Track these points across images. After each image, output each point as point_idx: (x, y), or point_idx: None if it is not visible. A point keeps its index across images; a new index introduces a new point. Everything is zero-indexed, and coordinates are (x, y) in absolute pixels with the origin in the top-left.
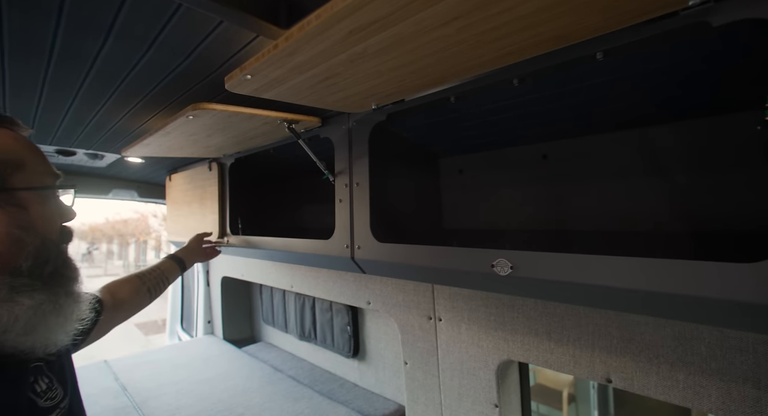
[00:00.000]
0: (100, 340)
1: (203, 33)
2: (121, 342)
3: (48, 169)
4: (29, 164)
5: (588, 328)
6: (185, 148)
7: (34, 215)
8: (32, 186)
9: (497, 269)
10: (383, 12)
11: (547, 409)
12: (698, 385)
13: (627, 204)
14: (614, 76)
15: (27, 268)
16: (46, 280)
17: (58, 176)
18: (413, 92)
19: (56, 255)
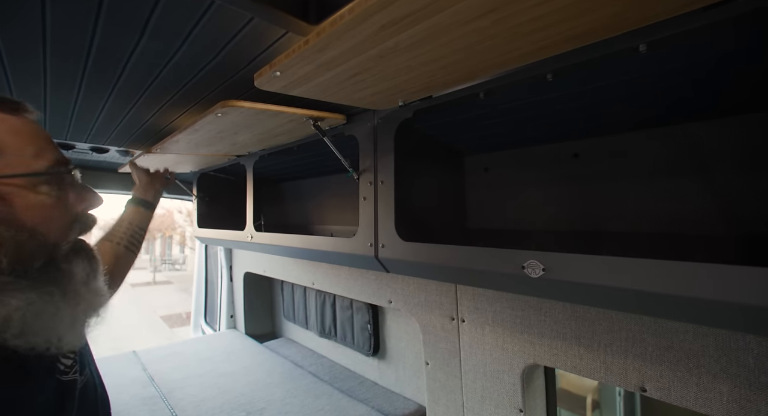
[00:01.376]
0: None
1: (234, 30)
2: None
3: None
4: (10, 148)
5: (621, 334)
6: (213, 145)
7: (21, 206)
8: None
9: (528, 271)
10: (417, 5)
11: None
12: (744, 399)
13: (665, 204)
14: (657, 69)
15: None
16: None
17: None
18: (442, 88)
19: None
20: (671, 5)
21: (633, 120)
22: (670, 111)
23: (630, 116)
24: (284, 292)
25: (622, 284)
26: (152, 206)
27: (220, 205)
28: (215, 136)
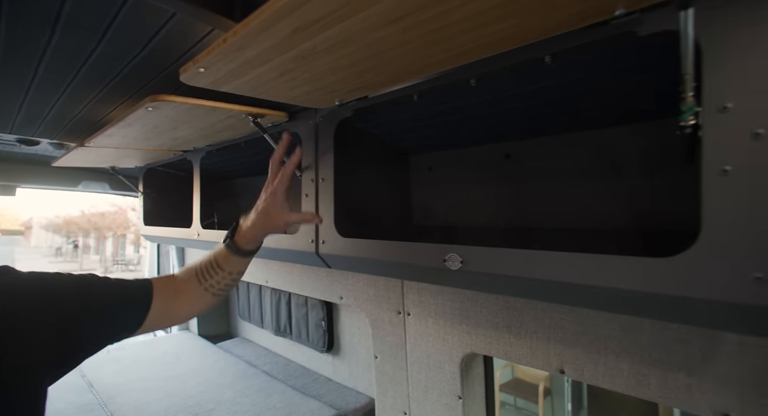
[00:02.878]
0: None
1: (156, 25)
2: None
3: None
4: None
5: (545, 321)
6: (152, 139)
7: None
8: None
9: (449, 263)
10: (325, 10)
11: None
12: (640, 374)
13: (585, 203)
14: (563, 79)
15: None
16: None
17: None
18: (376, 89)
19: None
20: (553, 25)
21: (554, 125)
22: (583, 117)
23: (551, 121)
24: (239, 291)
25: (530, 274)
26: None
27: (168, 202)
28: (152, 130)
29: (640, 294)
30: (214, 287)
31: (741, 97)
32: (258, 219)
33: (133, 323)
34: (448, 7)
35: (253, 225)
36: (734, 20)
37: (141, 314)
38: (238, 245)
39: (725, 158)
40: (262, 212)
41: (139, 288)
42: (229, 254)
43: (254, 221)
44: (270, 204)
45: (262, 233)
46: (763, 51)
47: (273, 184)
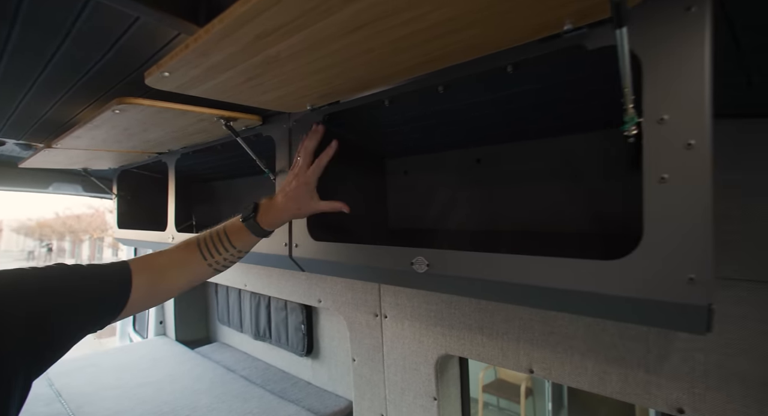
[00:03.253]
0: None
1: (121, 28)
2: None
3: None
4: None
5: (515, 323)
6: (123, 141)
7: None
8: None
9: (416, 267)
10: (285, 18)
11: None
12: (603, 372)
13: (551, 207)
14: (526, 88)
15: None
16: None
17: None
18: (347, 94)
19: None
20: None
21: (522, 131)
22: (548, 125)
23: (519, 128)
24: (218, 295)
25: (492, 277)
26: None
27: (143, 204)
28: (122, 132)
29: (591, 295)
30: (220, 263)
31: (675, 109)
32: (288, 204)
33: (112, 308)
34: (405, 18)
35: (283, 208)
36: (668, 38)
37: (120, 298)
38: (261, 225)
39: (663, 167)
40: (293, 198)
41: (115, 273)
42: (248, 233)
43: (284, 205)
44: (303, 191)
45: (289, 217)
46: (692, 67)
47: (306, 173)
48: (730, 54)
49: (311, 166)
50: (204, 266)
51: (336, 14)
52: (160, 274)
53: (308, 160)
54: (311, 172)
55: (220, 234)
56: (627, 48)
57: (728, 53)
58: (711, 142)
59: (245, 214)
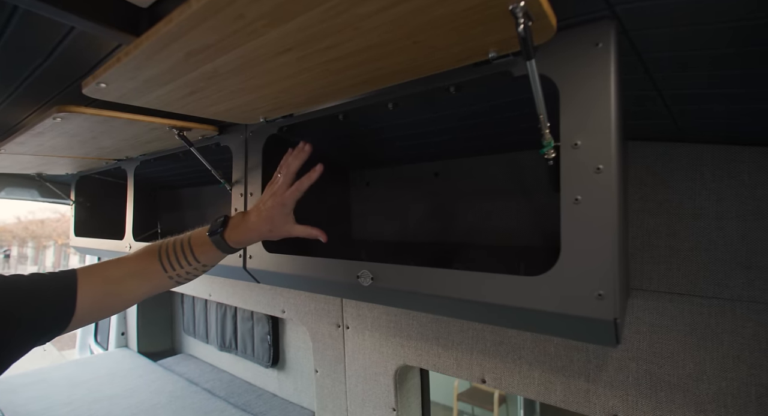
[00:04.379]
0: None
1: (56, 37)
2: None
3: None
4: None
5: (469, 333)
6: (76, 148)
7: None
8: None
9: (361, 280)
10: (211, 39)
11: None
12: (548, 381)
13: (503, 220)
14: (470, 108)
15: None
16: None
17: None
18: (297, 108)
19: None
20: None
21: (475, 147)
22: (498, 142)
23: (472, 144)
24: (184, 305)
25: (431, 291)
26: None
27: (104, 212)
28: (72, 139)
29: (514, 309)
30: (181, 276)
31: (586, 135)
32: (261, 223)
33: (57, 321)
34: (325, 45)
35: (254, 228)
36: (580, 70)
37: (65, 310)
38: (228, 241)
39: (577, 188)
40: (267, 219)
41: (59, 284)
42: (213, 248)
43: (256, 224)
44: (278, 212)
45: (259, 238)
46: (600, 97)
47: (284, 193)
48: (647, 84)
49: (291, 186)
50: (164, 278)
51: (261, 37)
52: (113, 285)
53: (288, 180)
54: (290, 193)
55: (183, 245)
56: (537, 78)
57: (645, 83)
58: (618, 166)
59: (213, 228)
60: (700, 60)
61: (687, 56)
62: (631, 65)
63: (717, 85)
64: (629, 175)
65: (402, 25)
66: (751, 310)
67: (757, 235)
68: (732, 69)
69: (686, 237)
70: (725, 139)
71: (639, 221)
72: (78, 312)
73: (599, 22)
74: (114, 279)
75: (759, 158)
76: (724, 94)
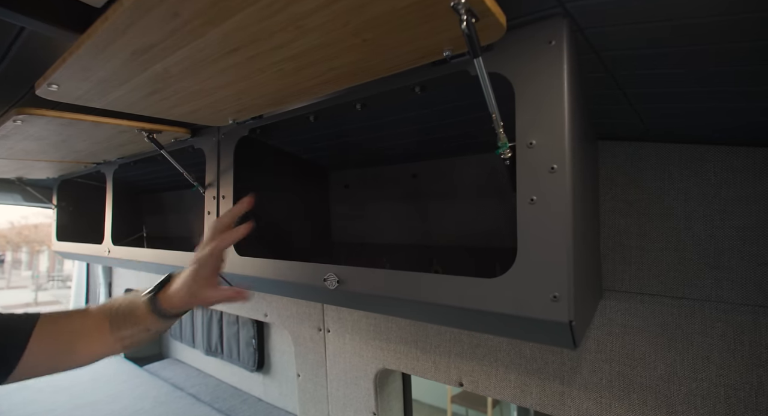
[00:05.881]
0: None
1: (9, 37)
2: None
3: None
4: None
5: (446, 336)
6: (48, 152)
7: None
8: None
9: (328, 283)
10: (153, 38)
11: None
12: (524, 384)
13: (480, 221)
14: (436, 108)
15: None
16: None
17: None
18: (263, 109)
19: None
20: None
21: (450, 148)
22: (471, 141)
23: (446, 144)
24: None
25: (395, 294)
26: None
27: (86, 216)
28: (42, 143)
29: (473, 311)
30: (127, 339)
31: (540, 134)
32: (192, 283)
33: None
34: (273, 45)
35: (184, 289)
36: (533, 68)
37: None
38: (161, 305)
39: (532, 189)
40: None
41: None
42: (149, 312)
43: (187, 284)
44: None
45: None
46: (553, 96)
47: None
48: (610, 83)
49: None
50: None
51: (203, 37)
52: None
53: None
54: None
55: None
56: (486, 76)
57: (608, 82)
58: (573, 165)
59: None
60: (659, 58)
61: (646, 54)
62: (591, 63)
63: (678, 83)
64: (599, 174)
65: (345, 23)
66: (720, 310)
67: (723, 234)
68: (692, 67)
69: (656, 238)
70: (691, 138)
71: (611, 221)
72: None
73: (551, 20)
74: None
75: (724, 157)
76: (685, 92)
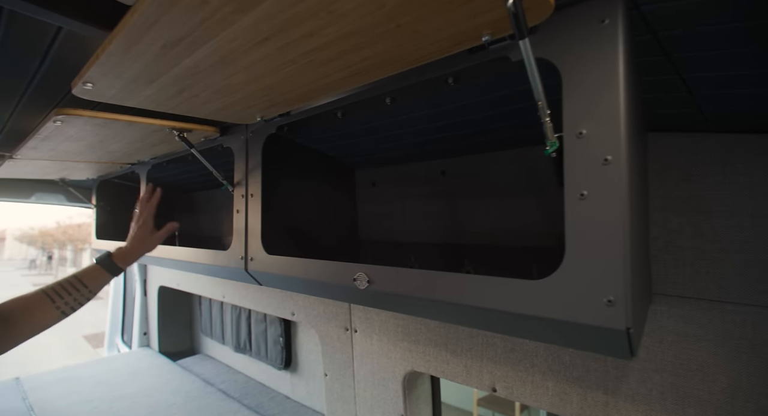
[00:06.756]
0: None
1: (47, 37)
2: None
3: None
4: None
5: (478, 339)
6: (85, 153)
7: None
8: None
9: (357, 283)
10: (182, 29)
11: None
12: (563, 392)
13: (514, 219)
14: (472, 100)
15: None
16: None
17: None
18: (291, 105)
19: None
20: (430, 49)
21: (482, 143)
22: (507, 136)
23: (479, 139)
24: (202, 306)
25: (428, 295)
26: (120, 272)
27: (123, 215)
28: (78, 144)
29: (517, 315)
30: (69, 305)
31: (592, 123)
32: (137, 243)
33: None
34: (304, 32)
35: (132, 249)
36: (584, 50)
37: None
38: (116, 263)
39: (582, 183)
40: (139, 239)
41: None
42: (102, 272)
43: (134, 246)
44: (144, 232)
45: (139, 254)
46: (607, 80)
47: (143, 218)
48: (666, 67)
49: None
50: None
51: (232, 26)
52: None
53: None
54: (147, 215)
55: (70, 278)
56: (533, 60)
57: (664, 66)
58: (629, 157)
59: (100, 258)
60: (725, 36)
61: (710, 32)
62: (646, 45)
63: (745, 66)
64: (648, 169)
65: (380, 6)
66: None
67: None
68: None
69: (715, 237)
70: (757, 128)
71: (661, 220)
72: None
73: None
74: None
75: None
76: (755, 75)
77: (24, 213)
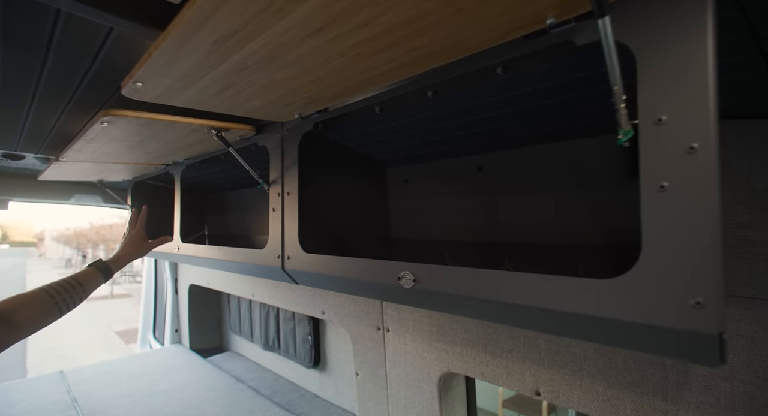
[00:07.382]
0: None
1: (98, 39)
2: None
3: None
4: None
5: (520, 340)
6: (125, 154)
7: None
8: None
9: (402, 282)
10: (237, 22)
11: None
12: (615, 398)
13: (556, 216)
14: (520, 91)
15: None
16: None
17: None
18: (331, 101)
19: None
20: (488, 34)
21: (523, 137)
22: (550, 129)
23: (519, 133)
24: (230, 305)
25: (479, 294)
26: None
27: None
28: (121, 144)
29: (582, 317)
30: (66, 303)
31: (674, 109)
32: (130, 250)
33: None
34: (357, 22)
35: (125, 254)
36: (665, 30)
37: None
38: (111, 268)
39: (662, 173)
40: (132, 245)
41: None
42: (97, 274)
43: (126, 252)
44: (136, 239)
45: (131, 258)
46: (693, 62)
47: (135, 229)
48: (749, 47)
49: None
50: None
51: (288, 17)
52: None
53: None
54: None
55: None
56: (612, 40)
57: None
58: (717, 144)
59: (94, 262)
60: None
61: None
62: (728, 22)
63: None
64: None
65: None
66: None
67: None
68: None
69: None
70: None
71: (731, 213)
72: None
73: None
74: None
75: None
76: None
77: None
